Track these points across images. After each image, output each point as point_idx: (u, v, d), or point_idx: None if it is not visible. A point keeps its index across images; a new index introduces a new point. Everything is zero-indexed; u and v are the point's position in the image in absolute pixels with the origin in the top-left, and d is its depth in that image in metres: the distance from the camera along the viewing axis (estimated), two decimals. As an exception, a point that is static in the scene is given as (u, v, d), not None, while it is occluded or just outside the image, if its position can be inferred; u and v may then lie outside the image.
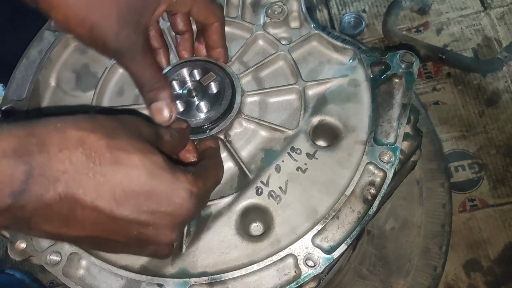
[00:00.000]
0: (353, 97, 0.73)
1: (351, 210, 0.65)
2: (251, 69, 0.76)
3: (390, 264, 1.07)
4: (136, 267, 0.65)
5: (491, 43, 1.37)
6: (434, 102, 1.33)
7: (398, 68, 0.72)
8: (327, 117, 0.72)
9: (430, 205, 1.12)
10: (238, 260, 0.64)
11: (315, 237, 0.63)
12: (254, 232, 0.69)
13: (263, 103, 0.75)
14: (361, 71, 0.75)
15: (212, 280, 0.61)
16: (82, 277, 0.64)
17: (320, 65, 0.78)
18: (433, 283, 1.07)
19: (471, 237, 1.18)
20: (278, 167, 0.69)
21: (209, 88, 0.72)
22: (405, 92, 0.72)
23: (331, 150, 0.70)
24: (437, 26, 1.41)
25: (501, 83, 1.32)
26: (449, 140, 1.28)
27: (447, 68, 1.36)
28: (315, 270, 0.61)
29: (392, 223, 1.10)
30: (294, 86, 0.74)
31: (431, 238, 1.09)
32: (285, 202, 0.66)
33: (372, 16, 1.47)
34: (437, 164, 1.16)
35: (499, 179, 1.23)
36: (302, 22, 0.81)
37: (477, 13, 1.41)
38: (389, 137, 0.69)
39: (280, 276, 0.62)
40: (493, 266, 1.15)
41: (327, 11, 1.50)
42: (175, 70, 0.74)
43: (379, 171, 0.66)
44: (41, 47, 0.82)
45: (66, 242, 0.52)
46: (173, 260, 0.65)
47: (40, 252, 0.64)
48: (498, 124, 1.28)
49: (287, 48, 0.77)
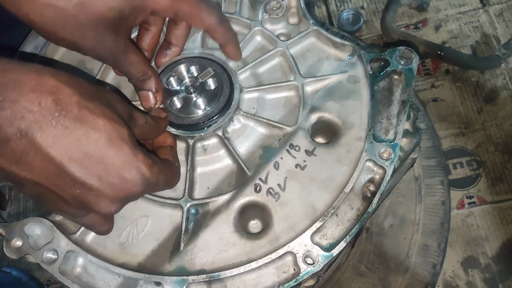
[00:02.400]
0: (352, 94, 0.73)
1: (350, 207, 0.64)
2: (250, 65, 0.76)
3: (388, 261, 1.07)
4: (133, 265, 0.64)
5: (489, 40, 1.37)
6: (433, 99, 1.32)
7: (397, 65, 0.72)
8: (326, 113, 0.72)
9: (429, 202, 1.12)
10: (237, 258, 0.63)
11: (314, 234, 0.63)
12: (252, 229, 0.68)
13: (261, 100, 0.75)
14: (360, 67, 0.74)
15: (210, 278, 0.61)
16: (79, 275, 0.64)
17: (319, 61, 0.77)
18: (431, 280, 1.07)
19: (469, 234, 1.18)
20: (277, 164, 0.68)
21: (207, 84, 0.71)
22: (405, 88, 0.71)
23: (330, 147, 0.69)
24: (436, 23, 1.41)
25: (499, 80, 1.32)
26: (448, 137, 1.28)
27: (446, 65, 1.35)
28: (314, 267, 0.61)
29: (391, 221, 1.10)
30: (293, 83, 0.74)
31: (430, 236, 1.09)
32: (283, 200, 0.66)
33: (370, 12, 1.46)
34: (436, 161, 1.16)
35: (497, 176, 1.23)
36: (300, 18, 0.80)
37: (475, 10, 1.40)
38: (388, 134, 0.69)
39: (279, 274, 0.62)
40: (491, 263, 1.15)
41: (325, 8, 1.49)
42: (172, 66, 0.73)
43: (379, 168, 0.66)
44: (37, 43, 0.81)
45: (9, 182, 0.53)
46: (171, 258, 0.64)
47: (36, 250, 0.64)
48: (497, 121, 1.27)
49: (285, 44, 0.77)
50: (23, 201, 1.34)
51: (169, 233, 0.66)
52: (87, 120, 0.50)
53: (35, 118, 0.47)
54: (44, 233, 0.65)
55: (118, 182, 0.52)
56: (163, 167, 0.58)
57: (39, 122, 0.47)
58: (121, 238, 0.66)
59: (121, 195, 0.54)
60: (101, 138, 0.50)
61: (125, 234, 0.66)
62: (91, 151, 0.50)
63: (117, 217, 0.67)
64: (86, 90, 0.52)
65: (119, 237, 0.66)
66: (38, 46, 0.81)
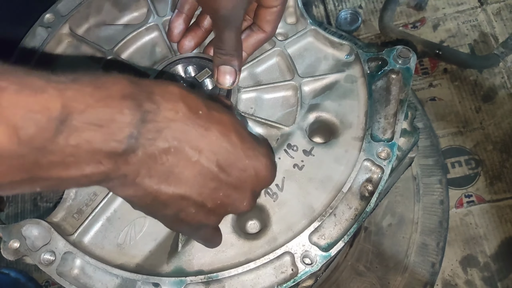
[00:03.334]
0: (350, 93, 0.73)
1: (348, 207, 0.64)
2: (247, 65, 0.76)
3: (387, 260, 1.07)
4: (131, 266, 0.64)
5: (487, 39, 1.37)
6: (431, 98, 1.32)
7: (395, 64, 0.72)
8: (324, 113, 0.72)
9: (428, 202, 1.12)
10: (235, 258, 0.63)
11: (312, 234, 0.62)
12: (250, 230, 0.68)
13: (259, 100, 0.74)
14: (358, 67, 0.74)
15: (208, 278, 0.61)
16: (76, 277, 0.64)
17: (317, 61, 0.77)
18: (430, 279, 1.07)
19: (468, 233, 1.18)
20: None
21: (205, 84, 0.71)
22: (402, 87, 0.71)
23: (328, 147, 0.69)
24: (434, 22, 1.41)
25: (497, 78, 1.31)
26: (446, 136, 1.28)
27: (444, 64, 1.35)
28: (312, 267, 0.61)
29: (389, 220, 1.10)
30: (291, 82, 0.74)
31: (429, 235, 1.09)
32: (281, 200, 0.66)
33: (368, 12, 1.46)
34: (434, 160, 1.16)
35: (495, 175, 1.23)
36: (298, 17, 0.80)
37: (473, 9, 1.40)
38: (386, 133, 0.69)
39: (277, 274, 0.62)
40: (490, 261, 1.15)
41: (323, 7, 1.49)
42: (170, 67, 0.73)
43: (376, 168, 0.66)
44: (34, 43, 0.81)
45: (146, 206, 0.49)
46: (169, 259, 0.64)
47: (34, 252, 0.63)
48: (495, 120, 1.28)
49: (283, 44, 0.77)
50: (21, 203, 1.34)
51: (167, 234, 0.66)
52: (216, 118, 0.48)
53: (178, 127, 0.45)
54: (41, 234, 0.64)
55: (255, 174, 0.51)
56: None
57: (182, 130, 0.45)
58: (118, 239, 0.66)
59: (259, 187, 0.53)
60: (232, 134, 0.49)
61: (122, 235, 0.66)
62: (230, 149, 0.49)
63: (115, 218, 0.67)
64: (199, 93, 0.50)
65: (116, 238, 0.66)
66: (36, 46, 0.80)
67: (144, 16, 0.82)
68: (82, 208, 0.68)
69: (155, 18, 0.80)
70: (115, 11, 0.84)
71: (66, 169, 0.40)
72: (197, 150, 0.46)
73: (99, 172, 0.42)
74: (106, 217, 0.67)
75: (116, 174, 0.43)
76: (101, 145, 0.41)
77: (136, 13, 0.84)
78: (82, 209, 0.68)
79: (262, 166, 0.52)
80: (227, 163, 0.49)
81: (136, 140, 0.42)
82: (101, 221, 0.67)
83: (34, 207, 1.33)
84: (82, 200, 0.68)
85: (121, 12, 0.84)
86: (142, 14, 0.83)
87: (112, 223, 0.67)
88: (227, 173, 0.49)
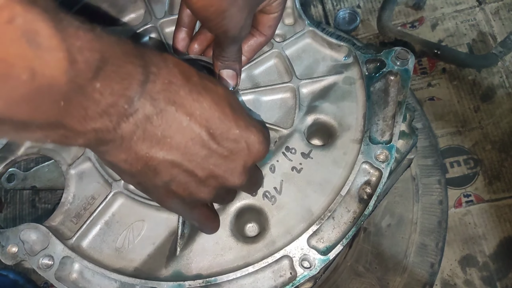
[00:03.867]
0: (348, 95, 0.72)
1: (347, 210, 0.64)
2: (245, 67, 0.75)
3: (386, 261, 1.07)
4: (130, 270, 0.64)
5: (486, 38, 1.36)
6: (429, 97, 1.32)
7: (393, 65, 0.71)
8: (322, 115, 0.72)
9: (426, 202, 1.12)
10: (233, 262, 0.63)
11: (311, 238, 0.62)
12: (249, 233, 0.68)
13: (257, 102, 0.74)
14: (356, 68, 0.74)
15: (206, 283, 0.61)
16: (75, 281, 0.63)
17: (315, 62, 0.77)
18: (429, 279, 1.07)
19: (467, 232, 1.18)
20: (273, 167, 0.68)
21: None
22: (401, 89, 0.71)
23: (326, 149, 0.69)
24: (432, 21, 1.40)
25: (496, 78, 1.31)
26: (444, 135, 1.27)
27: (442, 63, 1.35)
28: (310, 271, 0.61)
29: (388, 220, 1.10)
30: (289, 84, 0.73)
31: (428, 235, 1.09)
32: (280, 203, 0.66)
33: (367, 11, 1.46)
34: (433, 160, 1.16)
35: (494, 174, 1.23)
36: (296, 18, 0.80)
37: (472, 8, 1.40)
38: (385, 136, 0.68)
39: (276, 278, 0.62)
40: (489, 261, 1.15)
41: (321, 7, 1.49)
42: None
43: (375, 170, 0.65)
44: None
45: (137, 174, 0.48)
46: (167, 263, 0.64)
47: (32, 256, 0.63)
48: (493, 119, 1.27)
49: (281, 46, 0.76)
50: (20, 204, 1.34)
51: (165, 238, 0.66)
52: (210, 87, 0.49)
53: (174, 90, 0.45)
54: (39, 239, 0.64)
55: (246, 147, 0.51)
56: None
57: (177, 93, 0.46)
58: (117, 243, 0.66)
59: (250, 161, 0.52)
60: (225, 103, 0.49)
61: (121, 239, 0.66)
62: (222, 117, 0.48)
63: (113, 222, 0.67)
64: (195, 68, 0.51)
65: (115, 242, 0.66)
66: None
67: (141, 18, 0.82)
68: (80, 212, 0.67)
69: (153, 19, 0.80)
70: (112, 12, 0.83)
71: (84, 120, 0.41)
72: (188, 114, 0.46)
73: (106, 128, 0.42)
74: (104, 221, 0.67)
75: (115, 134, 0.44)
76: (117, 99, 0.41)
77: (134, 14, 0.84)
78: (80, 213, 0.67)
79: (255, 139, 0.51)
80: (218, 132, 0.48)
81: (138, 99, 0.43)
82: (99, 225, 0.67)
83: (32, 208, 1.33)
84: (80, 204, 0.68)
85: (119, 13, 0.83)
86: (140, 16, 0.83)
87: (110, 227, 0.66)
88: (217, 141, 0.49)
